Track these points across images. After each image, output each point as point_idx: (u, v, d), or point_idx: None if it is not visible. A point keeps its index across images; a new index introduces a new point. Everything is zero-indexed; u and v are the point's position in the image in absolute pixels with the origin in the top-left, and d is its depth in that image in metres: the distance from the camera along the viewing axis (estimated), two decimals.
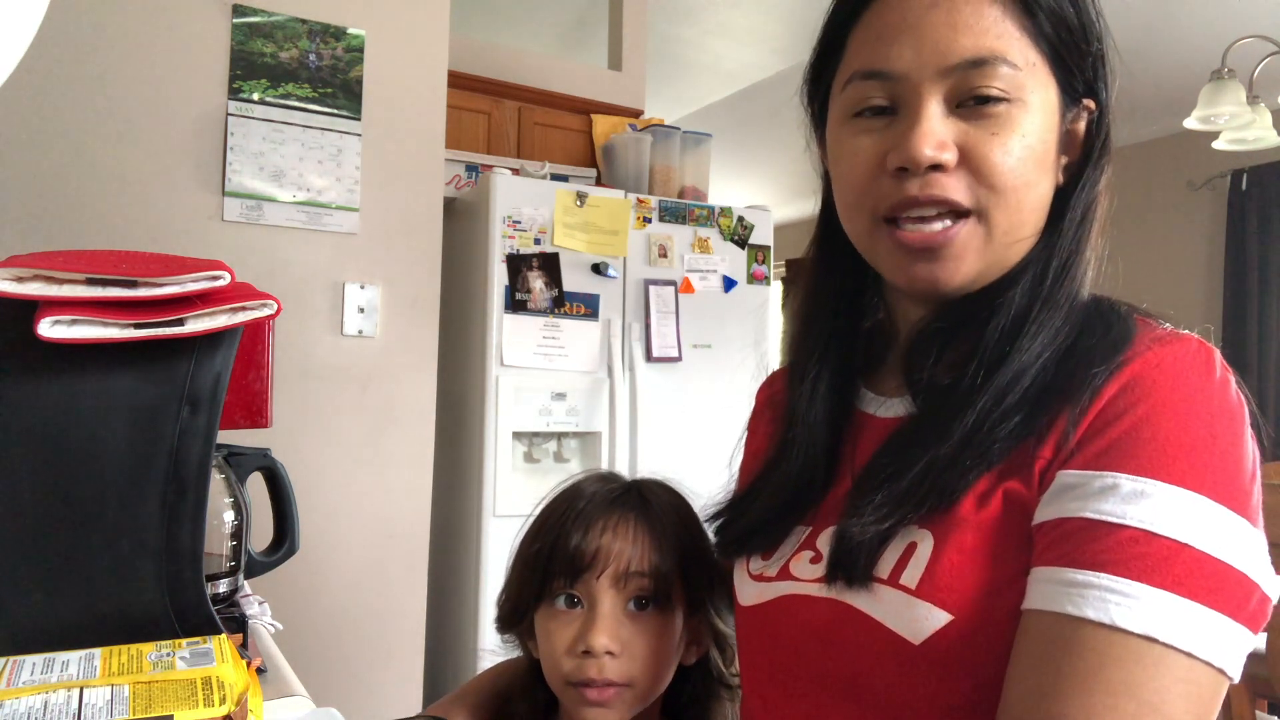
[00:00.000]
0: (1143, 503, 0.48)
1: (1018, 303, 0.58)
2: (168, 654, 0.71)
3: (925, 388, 0.61)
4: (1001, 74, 0.55)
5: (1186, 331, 0.56)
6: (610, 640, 0.71)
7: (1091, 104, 0.61)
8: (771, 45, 3.88)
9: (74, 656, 0.70)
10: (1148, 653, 0.46)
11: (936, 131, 0.56)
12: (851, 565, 0.57)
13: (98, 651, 0.71)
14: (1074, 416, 0.53)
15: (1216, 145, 2.98)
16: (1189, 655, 0.46)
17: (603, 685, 0.71)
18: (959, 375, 0.58)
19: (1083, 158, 0.62)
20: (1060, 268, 0.59)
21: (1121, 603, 0.46)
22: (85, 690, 0.64)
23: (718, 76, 4.29)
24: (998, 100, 0.56)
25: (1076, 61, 0.59)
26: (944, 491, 0.54)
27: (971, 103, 0.56)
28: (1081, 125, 0.61)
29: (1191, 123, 2.78)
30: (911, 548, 0.55)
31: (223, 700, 0.64)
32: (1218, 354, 0.54)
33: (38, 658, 0.70)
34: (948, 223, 0.57)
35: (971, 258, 0.58)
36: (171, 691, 0.64)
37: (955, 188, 0.56)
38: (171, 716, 0.62)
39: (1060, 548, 0.50)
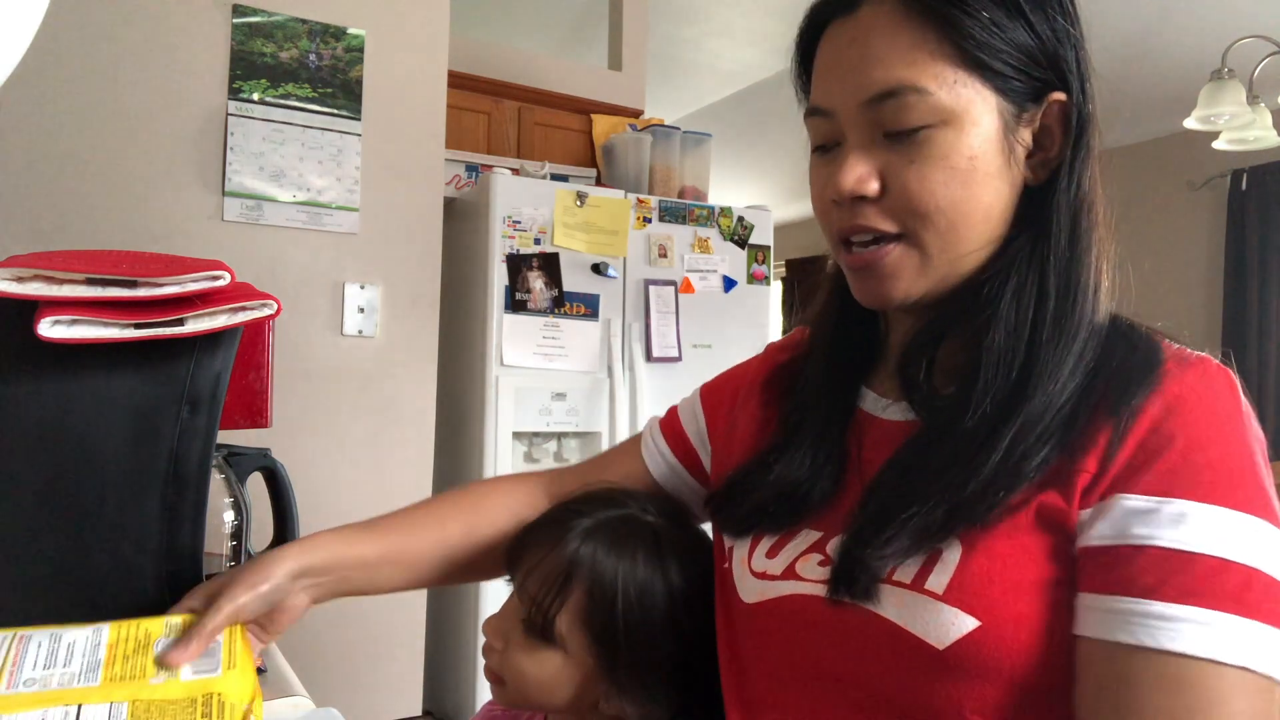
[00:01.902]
0: (1214, 530, 0.50)
1: (1008, 316, 0.59)
2: (174, 640, 0.68)
3: (926, 399, 0.62)
4: (910, 103, 0.57)
5: (1203, 354, 0.58)
6: (492, 634, 0.75)
7: (1060, 97, 0.60)
8: (771, 45, 3.88)
9: (81, 634, 0.68)
10: (1250, 682, 0.48)
11: (856, 167, 0.59)
12: (852, 583, 0.57)
13: (105, 627, 0.69)
14: (1118, 434, 0.53)
15: (1216, 145, 2.98)
16: (1269, 679, 0.48)
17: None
18: (964, 391, 0.59)
19: (1063, 151, 0.61)
20: (1064, 284, 0.59)
21: (1217, 637, 0.48)
22: (84, 708, 0.62)
23: (718, 76, 4.29)
24: (915, 126, 0.57)
25: (1020, 66, 0.58)
26: (971, 521, 0.55)
27: (894, 130, 0.58)
28: (1056, 120, 0.60)
29: (1191, 123, 2.78)
30: (936, 554, 0.55)
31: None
32: (1236, 377, 0.56)
33: (43, 634, 0.68)
34: (882, 244, 0.60)
35: (908, 275, 0.61)
36: (170, 713, 0.63)
37: (879, 216, 0.60)
38: None
39: (1141, 579, 0.50)
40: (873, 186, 0.59)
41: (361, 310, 2.12)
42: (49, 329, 0.71)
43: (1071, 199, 0.60)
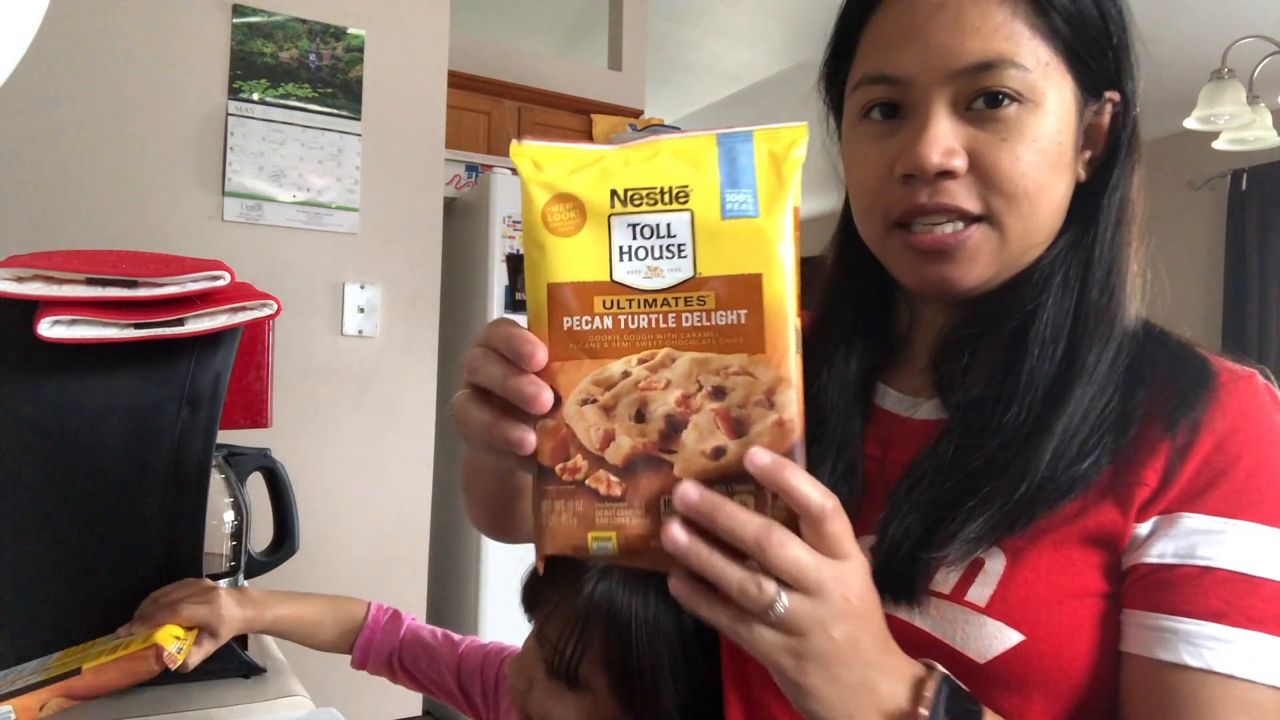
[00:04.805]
0: (1278, 554, 0.50)
1: (1053, 310, 0.57)
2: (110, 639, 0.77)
3: (963, 397, 0.58)
4: (1010, 76, 0.53)
5: (1249, 368, 0.57)
6: (514, 675, 0.75)
7: (1115, 96, 0.58)
8: (771, 45, 3.88)
9: (30, 664, 0.75)
10: None
11: (944, 137, 0.54)
12: (906, 584, 0.54)
13: (54, 654, 0.76)
14: (1177, 448, 0.52)
15: (1216, 145, 2.98)
16: None
17: None
18: (1001, 388, 0.56)
19: (1109, 153, 0.59)
20: (1105, 277, 0.57)
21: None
22: (18, 680, 0.70)
23: (718, 76, 4.29)
24: (1007, 102, 0.54)
25: (1095, 55, 0.57)
26: (1027, 522, 0.52)
27: (981, 105, 0.54)
28: (1106, 118, 0.59)
29: (1191, 123, 2.78)
30: (978, 564, 0.53)
31: (128, 647, 0.71)
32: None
33: None
34: (959, 225, 0.56)
35: (985, 261, 0.56)
36: (94, 651, 0.72)
37: (964, 195, 0.55)
38: (79, 669, 0.68)
39: (1207, 602, 0.50)
40: (960, 162, 0.54)
41: (361, 310, 2.12)
42: (49, 329, 0.71)
43: (1119, 200, 0.59)
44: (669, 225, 0.41)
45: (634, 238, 0.41)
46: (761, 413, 0.40)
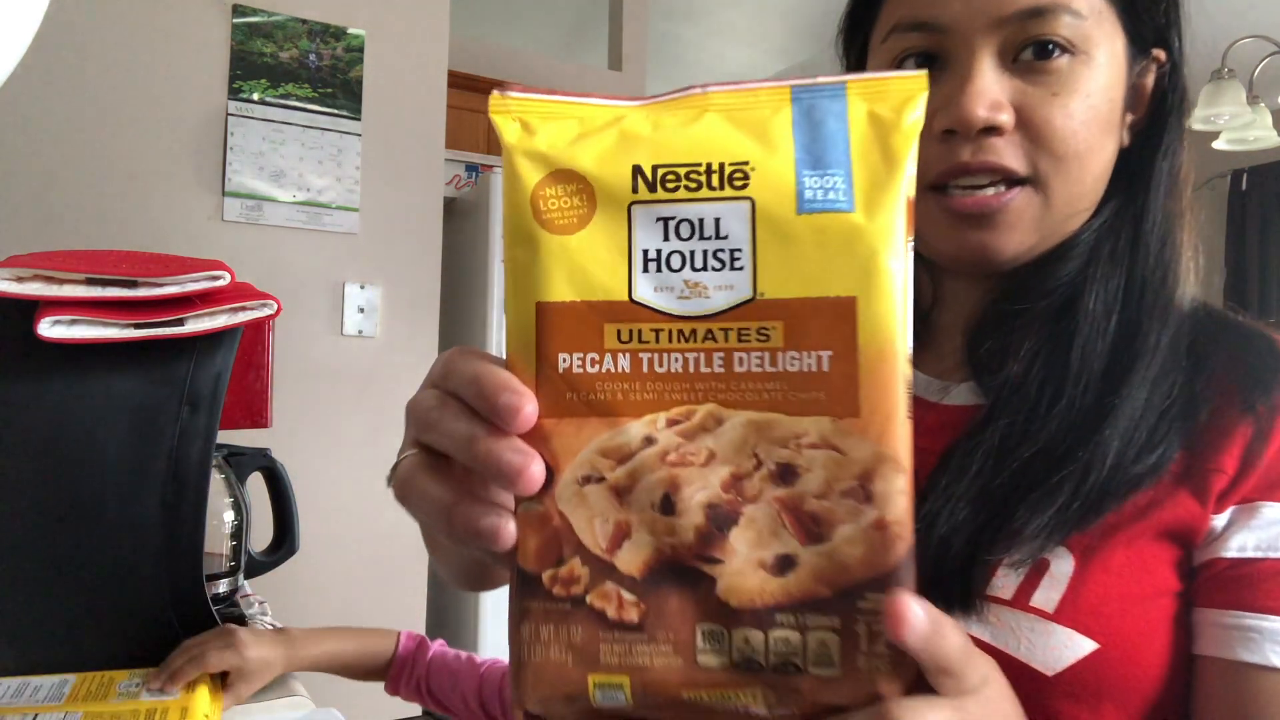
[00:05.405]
0: None
1: (1102, 284, 0.53)
2: (137, 683, 0.76)
3: (1005, 380, 0.53)
4: (1063, 24, 0.49)
5: None
6: None
7: (1161, 54, 0.55)
8: (771, 45, 3.88)
9: (46, 682, 0.75)
10: None
11: (990, 90, 0.49)
12: (961, 589, 0.49)
13: (71, 677, 0.76)
14: (1260, 431, 0.48)
15: (1216, 145, 2.98)
16: None
17: None
18: (1054, 371, 0.52)
19: (1153, 116, 0.55)
20: (1159, 249, 0.53)
21: None
22: (40, 716, 0.69)
23: (717, 77, 4.28)
24: (1058, 53, 0.49)
25: (1148, 6, 0.53)
26: (1099, 516, 0.48)
27: (1029, 56, 0.50)
28: (1150, 79, 0.55)
29: (1192, 123, 2.78)
30: (1043, 566, 0.48)
31: (166, 717, 0.70)
32: None
33: (12, 681, 0.75)
34: (1002, 188, 0.51)
35: (1027, 227, 0.52)
36: (121, 718, 0.70)
37: (1011, 153, 0.50)
38: None
39: None
40: (1007, 117, 0.49)
41: (361, 310, 2.12)
42: (49, 329, 0.72)
43: (1171, 166, 0.55)
44: (718, 221, 0.28)
45: (666, 238, 0.28)
46: (851, 507, 0.27)
